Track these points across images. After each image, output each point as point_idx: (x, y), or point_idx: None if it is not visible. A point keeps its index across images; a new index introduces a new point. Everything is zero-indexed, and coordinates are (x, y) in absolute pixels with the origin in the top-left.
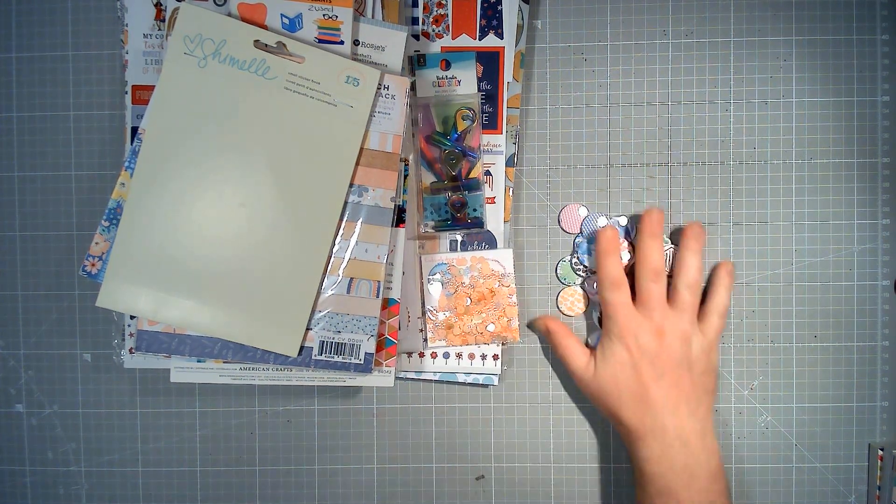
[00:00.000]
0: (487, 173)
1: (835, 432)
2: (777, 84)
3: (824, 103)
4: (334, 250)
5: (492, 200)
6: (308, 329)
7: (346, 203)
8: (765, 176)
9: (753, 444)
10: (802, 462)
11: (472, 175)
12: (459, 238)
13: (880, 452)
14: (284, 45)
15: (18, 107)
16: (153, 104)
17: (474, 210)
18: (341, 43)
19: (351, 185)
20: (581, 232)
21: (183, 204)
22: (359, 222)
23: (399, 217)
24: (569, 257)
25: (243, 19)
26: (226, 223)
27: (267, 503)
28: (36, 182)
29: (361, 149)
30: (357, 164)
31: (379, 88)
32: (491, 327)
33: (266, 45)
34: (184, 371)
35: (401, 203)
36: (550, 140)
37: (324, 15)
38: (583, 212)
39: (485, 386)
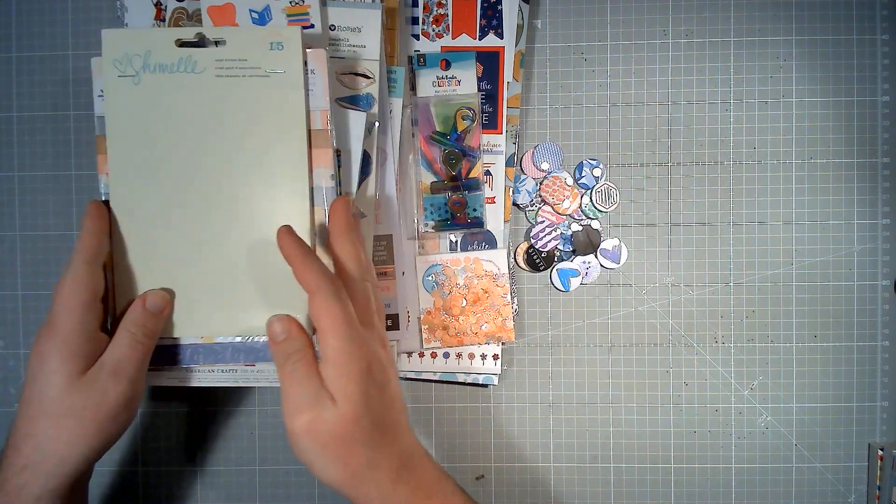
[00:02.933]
0: (487, 173)
1: (835, 432)
2: (777, 84)
3: (824, 103)
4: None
5: (492, 200)
6: None
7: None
8: (764, 176)
9: (753, 444)
10: (802, 462)
11: (472, 175)
12: (456, 238)
13: (880, 452)
14: (203, 34)
15: (18, 107)
16: (109, 137)
17: (474, 210)
18: (312, 27)
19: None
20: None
21: (168, 222)
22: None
23: (365, 168)
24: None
25: (214, 23)
26: (213, 227)
27: (267, 503)
28: (36, 182)
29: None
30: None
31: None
32: (485, 327)
33: (187, 42)
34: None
35: (339, 181)
36: (550, 140)
37: (290, 2)
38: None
39: (485, 386)
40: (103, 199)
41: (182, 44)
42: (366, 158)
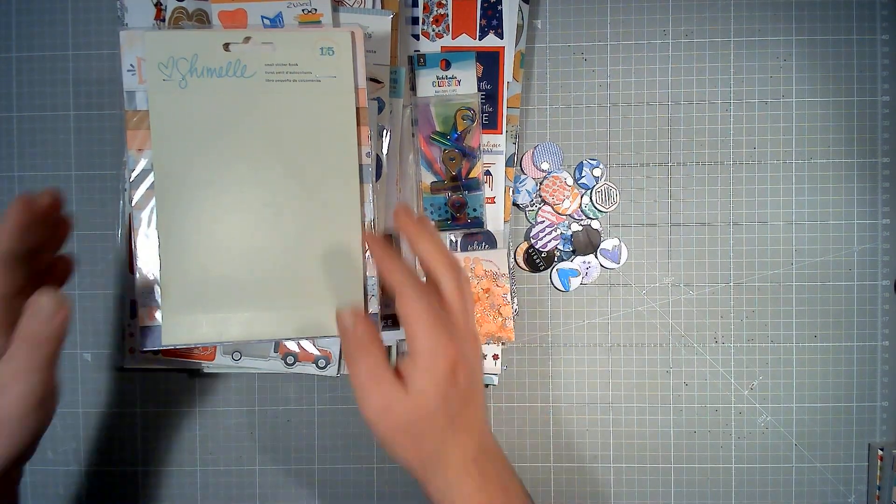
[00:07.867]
0: (487, 173)
1: (835, 432)
2: (777, 84)
3: (824, 103)
4: (365, 215)
5: (492, 200)
6: (372, 296)
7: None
8: (764, 176)
9: (753, 444)
10: (802, 462)
11: (472, 175)
12: (456, 238)
13: (880, 452)
14: (250, 38)
15: (18, 107)
16: (154, 139)
17: (474, 210)
18: None
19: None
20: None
21: (212, 223)
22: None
23: (377, 171)
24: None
25: (224, 27)
26: (257, 227)
27: (267, 503)
28: (36, 181)
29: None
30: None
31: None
32: (485, 327)
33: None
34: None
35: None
36: (550, 140)
37: (303, 10)
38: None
39: (485, 386)
40: (132, 175)
41: (229, 48)
42: (377, 162)
